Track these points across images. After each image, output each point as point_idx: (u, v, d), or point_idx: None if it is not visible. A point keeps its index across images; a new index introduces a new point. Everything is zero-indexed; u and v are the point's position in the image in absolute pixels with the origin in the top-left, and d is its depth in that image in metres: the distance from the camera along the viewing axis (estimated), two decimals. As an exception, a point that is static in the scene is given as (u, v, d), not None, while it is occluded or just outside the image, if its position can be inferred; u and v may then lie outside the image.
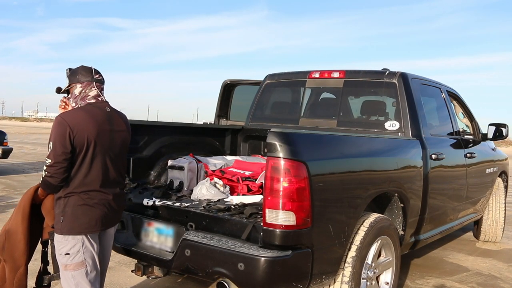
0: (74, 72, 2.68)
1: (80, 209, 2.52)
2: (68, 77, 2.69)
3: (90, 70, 2.69)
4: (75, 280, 2.57)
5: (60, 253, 2.57)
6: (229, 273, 2.53)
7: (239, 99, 5.56)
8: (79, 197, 2.52)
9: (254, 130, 4.62)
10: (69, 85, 2.67)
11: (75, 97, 2.65)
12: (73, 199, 2.52)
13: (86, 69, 2.68)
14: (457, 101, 5.25)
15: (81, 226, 2.53)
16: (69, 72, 2.70)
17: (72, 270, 2.56)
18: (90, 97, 2.65)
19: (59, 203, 2.55)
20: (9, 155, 10.15)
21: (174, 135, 4.01)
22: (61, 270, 2.63)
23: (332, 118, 4.30)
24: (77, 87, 2.64)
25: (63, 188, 2.52)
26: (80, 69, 2.68)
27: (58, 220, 2.54)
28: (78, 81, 2.64)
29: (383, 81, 4.07)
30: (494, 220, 5.89)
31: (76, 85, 2.64)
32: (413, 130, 3.83)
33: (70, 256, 2.55)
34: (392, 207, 3.55)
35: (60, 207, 2.54)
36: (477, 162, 4.92)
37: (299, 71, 4.67)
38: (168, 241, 3.01)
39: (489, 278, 4.67)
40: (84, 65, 2.71)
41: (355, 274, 2.90)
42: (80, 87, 2.64)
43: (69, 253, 2.55)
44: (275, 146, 2.47)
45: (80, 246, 2.55)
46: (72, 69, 2.70)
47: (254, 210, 2.86)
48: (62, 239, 2.55)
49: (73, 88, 2.65)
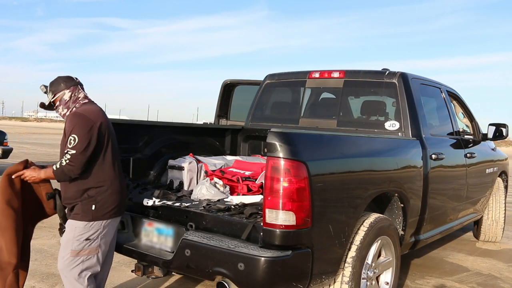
0: (55, 83, 2.86)
1: (109, 196, 2.77)
2: (50, 90, 2.85)
3: (70, 77, 2.88)
4: (84, 266, 2.76)
5: (79, 239, 2.73)
6: (229, 273, 2.53)
7: (239, 99, 5.56)
8: (108, 186, 2.76)
9: (254, 130, 4.62)
10: (54, 96, 2.83)
11: (66, 102, 2.83)
12: (104, 188, 2.75)
13: (66, 76, 2.89)
14: (457, 101, 5.25)
15: (109, 212, 2.78)
16: (49, 86, 2.85)
17: (86, 255, 2.77)
18: (81, 98, 2.85)
19: (88, 193, 2.73)
20: (9, 155, 10.15)
21: (174, 135, 4.01)
22: (66, 258, 2.74)
23: (332, 118, 4.30)
24: (66, 93, 2.83)
25: (92, 178, 2.72)
26: (60, 79, 2.87)
27: (87, 208, 2.72)
28: (65, 88, 2.83)
29: (383, 81, 4.07)
30: (494, 220, 5.89)
31: (64, 92, 2.82)
32: (413, 130, 3.83)
33: (90, 241, 2.76)
34: (392, 207, 3.55)
35: (91, 196, 2.73)
36: (477, 162, 4.92)
37: (299, 71, 4.67)
38: (168, 241, 3.01)
39: (489, 278, 4.67)
40: (60, 76, 2.88)
41: (355, 274, 2.90)
42: (69, 92, 2.83)
43: (90, 238, 2.76)
44: (275, 146, 2.47)
45: (101, 231, 2.79)
46: (51, 82, 2.86)
47: (254, 210, 2.86)
48: (85, 225, 2.73)
49: (60, 96, 2.83)
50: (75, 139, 2.63)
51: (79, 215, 2.73)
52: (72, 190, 2.75)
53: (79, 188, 2.73)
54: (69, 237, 2.75)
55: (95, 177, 2.74)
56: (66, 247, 2.76)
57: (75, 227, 2.74)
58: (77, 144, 2.62)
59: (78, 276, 2.75)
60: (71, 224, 2.77)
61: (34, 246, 4.31)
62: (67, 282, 2.78)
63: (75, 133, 2.64)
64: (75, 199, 2.75)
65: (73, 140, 2.63)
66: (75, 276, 2.75)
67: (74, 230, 2.74)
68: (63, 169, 2.65)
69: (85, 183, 2.72)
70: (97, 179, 2.74)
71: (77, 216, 2.74)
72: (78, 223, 2.73)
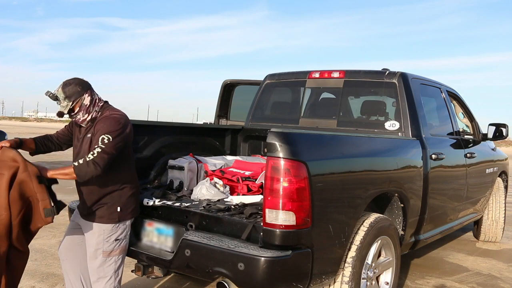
0: (70, 88, 2.69)
1: (131, 197, 2.85)
2: (66, 96, 2.69)
3: (82, 80, 2.79)
4: (117, 264, 2.85)
5: (108, 240, 2.78)
6: (229, 273, 2.53)
7: (239, 99, 5.55)
8: (129, 188, 2.84)
9: (254, 130, 4.62)
10: (73, 102, 2.71)
11: (87, 107, 2.76)
12: (126, 190, 2.82)
13: (79, 80, 2.77)
14: (457, 101, 5.25)
15: (132, 213, 2.87)
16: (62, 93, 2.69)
17: (118, 254, 2.84)
18: (98, 100, 2.82)
19: (113, 195, 2.77)
20: (9, 155, 10.13)
21: (174, 135, 4.01)
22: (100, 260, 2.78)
23: (332, 118, 4.30)
24: (85, 98, 2.75)
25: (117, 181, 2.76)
26: (75, 84, 2.73)
27: (113, 210, 2.76)
28: (83, 92, 2.74)
29: (383, 81, 4.07)
30: (494, 220, 5.89)
31: (83, 97, 2.74)
32: (413, 130, 3.82)
33: (119, 241, 2.83)
34: (392, 207, 3.55)
35: (115, 198, 2.77)
36: (477, 162, 4.91)
37: (299, 71, 4.67)
38: (168, 241, 3.01)
39: (489, 278, 4.67)
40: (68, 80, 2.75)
41: (355, 274, 2.90)
42: (88, 96, 2.76)
43: (119, 239, 2.82)
44: (275, 146, 2.47)
45: (127, 231, 2.88)
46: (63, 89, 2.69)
47: (254, 210, 2.86)
48: (113, 227, 2.78)
49: (80, 101, 2.73)
50: (109, 139, 2.61)
51: (105, 218, 2.76)
52: (96, 194, 2.75)
53: (105, 192, 2.75)
54: (99, 240, 2.78)
55: (120, 179, 2.78)
56: (97, 249, 2.79)
57: (103, 230, 2.77)
58: (109, 143, 2.61)
59: (113, 275, 2.83)
60: (98, 228, 2.78)
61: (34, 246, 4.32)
62: (100, 282, 2.82)
63: (109, 133, 2.63)
64: (99, 203, 2.76)
65: (106, 140, 2.61)
66: (109, 275, 2.82)
67: (103, 233, 2.77)
68: (87, 164, 2.55)
69: (110, 186, 2.76)
70: (122, 181, 2.79)
71: (103, 219, 2.77)
72: (105, 226, 2.77)
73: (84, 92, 2.73)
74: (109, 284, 2.83)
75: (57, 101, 2.71)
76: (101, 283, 2.83)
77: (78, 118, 2.77)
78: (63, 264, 3.03)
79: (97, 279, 2.83)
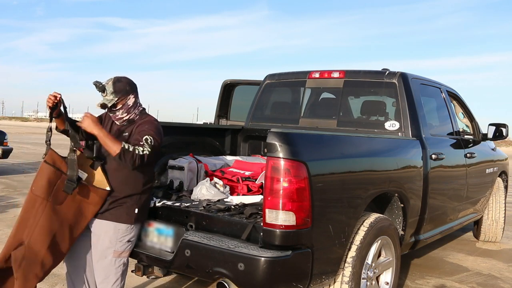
0: (120, 84, 2.78)
1: (147, 201, 2.93)
2: (114, 90, 2.75)
3: (133, 81, 2.88)
4: (125, 266, 2.89)
5: (121, 240, 2.81)
6: (229, 273, 2.53)
7: (239, 99, 5.56)
8: (148, 192, 2.91)
9: (254, 130, 4.62)
10: (118, 98, 2.76)
11: (129, 108, 2.82)
12: (145, 193, 2.88)
13: (130, 80, 2.86)
14: (457, 101, 5.25)
15: (144, 215, 2.94)
16: (111, 86, 2.75)
17: (126, 257, 2.89)
18: (140, 105, 2.91)
19: (134, 197, 2.81)
20: (9, 155, 10.15)
21: (174, 135, 4.01)
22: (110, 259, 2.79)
23: (332, 118, 4.30)
24: (130, 99, 2.82)
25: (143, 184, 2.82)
26: (126, 81, 2.82)
27: (131, 211, 2.81)
28: (131, 92, 2.81)
29: (383, 81, 4.07)
30: (494, 220, 5.89)
31: (129, 97, 2.81)
32: (413, 130, 3.82)
33: (131, 243, 2.88)
34: (392, 207, 3.55)
35: (135, 199, 2.82)
36: (477, 162, 4.92)
37: (299, 71, 4.67)
38: (168, 241, 3.01)
39: (489, 278, 4.67)
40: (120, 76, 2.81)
41: (355, 274, 2.90)
42: (133, 97, 2.84)
43: (131, 240, 2.87)
44: (275, 146, 2.47)
45: (138, 233, 2.94)
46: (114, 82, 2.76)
47: (254, 210, 2.87)
48: (127, 228, 2.81)
49: (124, 100, 2.79)
50: (151, 142, 2.69)
51: (123, 217, 2.79)
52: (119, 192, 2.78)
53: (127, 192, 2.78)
54: (112, 238, 2.79)
55: (143, 182, 2.83)
56: (109, 247, 2.79)
57: (119, 229, 2.79)
58: (151, 146, 2.68)
59: (119, 276, 2.85)
60: (113, 226, 2.78)
61: (34, 246, 4.30)
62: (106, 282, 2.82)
63: (153, 138, 2.71)
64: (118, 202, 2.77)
65: (149, 141, 2.69)
66: (117, 276, 2.83)
67: (117, 232, 2.79)
68: (133, 154, 2.61)
69: (133, 187, 2.80)
70: (144, 184, 2.85)
71: (121, 218, 2.78)
72: (121, 225, 2.79)
73: (131, 93, 2.82)
74: (115, 285, 2.84)
75: (102, 92, 2.76)
76: (108, 284, 2.82)
77: (116, 115, 2.83)
78: (66, 264, 3.01)
79: (103, 279, 2.82)
